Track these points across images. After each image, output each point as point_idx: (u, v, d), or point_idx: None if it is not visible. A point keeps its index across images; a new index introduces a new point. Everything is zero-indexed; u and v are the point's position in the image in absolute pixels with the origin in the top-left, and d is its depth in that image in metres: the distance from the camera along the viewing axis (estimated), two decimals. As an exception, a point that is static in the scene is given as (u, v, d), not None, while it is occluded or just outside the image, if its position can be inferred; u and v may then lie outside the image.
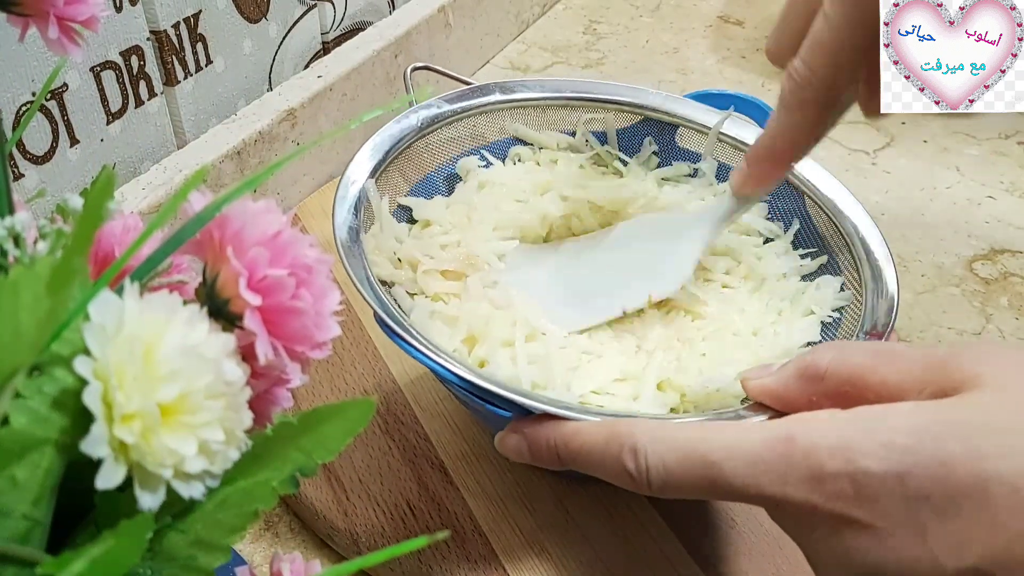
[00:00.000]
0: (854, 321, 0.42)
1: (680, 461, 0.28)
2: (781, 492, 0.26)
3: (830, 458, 0.26)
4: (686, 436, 0.29)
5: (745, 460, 0.27)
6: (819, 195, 0.47)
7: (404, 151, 0.47)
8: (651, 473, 0.29)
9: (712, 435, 0.28)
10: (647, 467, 0.29)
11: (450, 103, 0.50)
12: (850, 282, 0.44)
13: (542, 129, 0.52)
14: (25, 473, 0.19)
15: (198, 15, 0.58)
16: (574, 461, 0.32)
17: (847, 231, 0.45)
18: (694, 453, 0.28)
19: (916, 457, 0.24)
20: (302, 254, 0.23)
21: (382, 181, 0.46)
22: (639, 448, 0.29)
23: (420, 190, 0.49)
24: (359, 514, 0.45)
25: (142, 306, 0.21)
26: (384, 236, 0.45)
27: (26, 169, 0.50)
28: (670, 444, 0.29)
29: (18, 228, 0.22)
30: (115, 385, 0.19)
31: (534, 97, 0.51)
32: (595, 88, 0.52)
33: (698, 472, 0.28)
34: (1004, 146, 0.77)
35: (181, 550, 0.22)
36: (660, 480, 0.29)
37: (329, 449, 0.23)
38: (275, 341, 0.23)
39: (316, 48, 0.72)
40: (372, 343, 0.55)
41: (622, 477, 0.30)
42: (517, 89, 0.51)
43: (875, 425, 0.26)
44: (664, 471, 0.28)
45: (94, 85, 0.53)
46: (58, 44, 0.28)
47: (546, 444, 0.32)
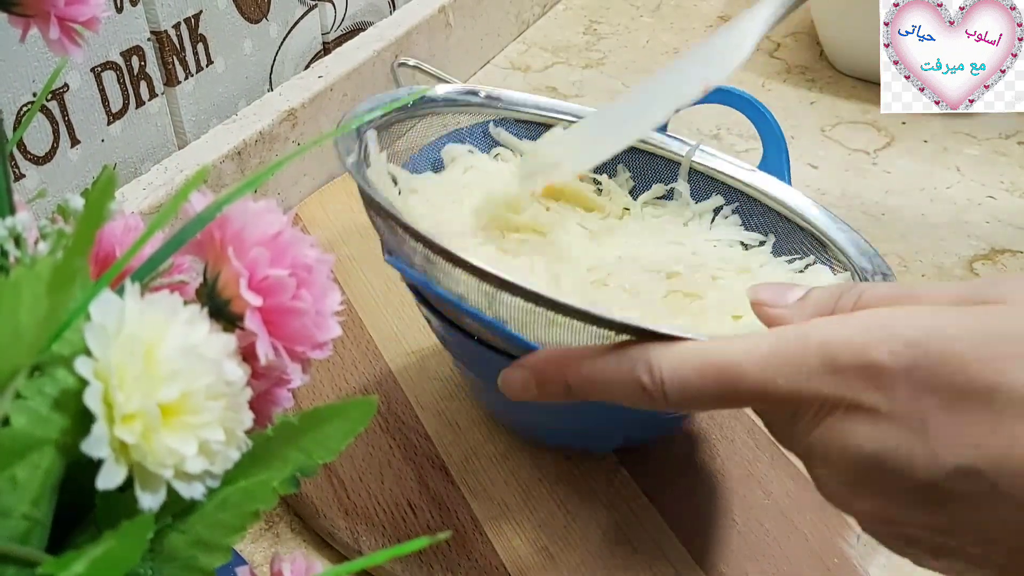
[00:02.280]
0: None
1: (696, 368, 0.28)
2: (795, 386, 0.26)
3: (843, 351, 0.26)
4: (700, 346, 0.28)
5: (760, 359, 0.27)
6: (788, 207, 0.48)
7: (394, 124, 0.47)
8: (666, 384, 0.28)
9: (725, 343, 0.28)
10: (662, 379, 0.29)
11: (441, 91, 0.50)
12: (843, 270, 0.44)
13: (522, 138, 0.52)
14: (25, 473, 0.19)
15: (199, 15, 0.58)
16: (584, 387, 0.31)
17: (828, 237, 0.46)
18: (709, 358, 0.28)
19: (927, 352, 0.25)
20: (303, 254, 0.23)
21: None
22: (652, 361, 0.29)
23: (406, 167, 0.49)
24: (360, 514, 0.45)
25: (143, 306, 0.21)
26: (380, 185, 0.44)
27: (27, 169, 0.50)
28: (684, 354, 0.29)
29: (19, 228, 0.22)
30: (116, 385, 0.19)
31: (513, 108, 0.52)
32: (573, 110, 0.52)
33: (713, 376, 0.28)
34: (1004, 146, 0.77)
35: (181, 550, 0.22)
36: (676, 390, 0.28)
37: (330, 449, 0.23)
38: (276, 341, 0.23)
39: (316, 48, 0.72)
40: (373, 343, 0.55)
41: (636, 394, 0.29)
42: (503, 100, 0.52)
43: (891, 322, 0.26)
44: (679, 380, 0.28)
45: (95, 85, 0.53)
46: (59, 44, 0.28)
47: (555, 373, 0.31)
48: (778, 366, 0.27)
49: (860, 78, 0.83)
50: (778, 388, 0.27)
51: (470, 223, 0.46)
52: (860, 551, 0.45)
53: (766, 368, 0.27)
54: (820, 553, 0.44)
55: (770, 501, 0.46)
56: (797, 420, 0.28)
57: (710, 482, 0.48)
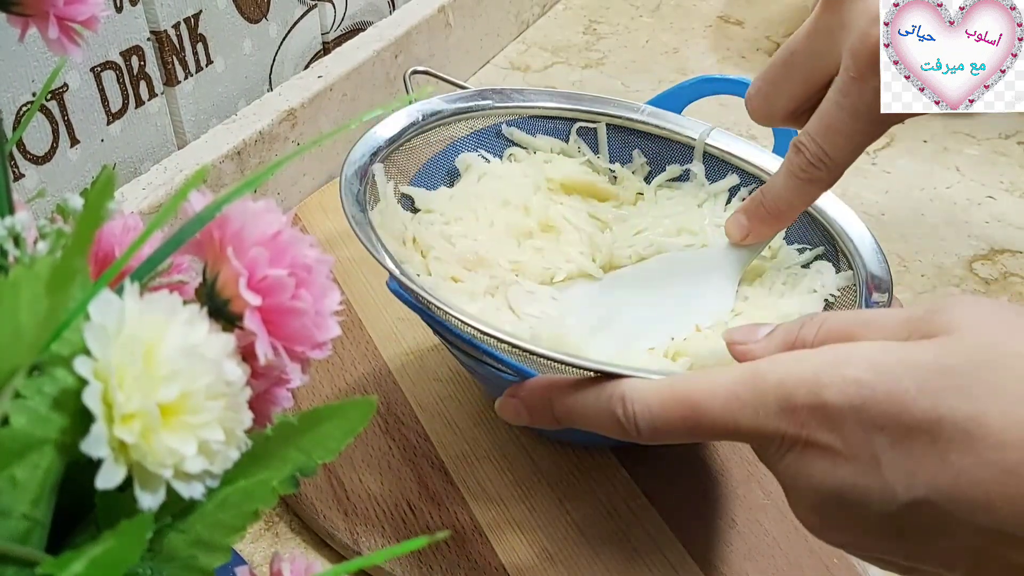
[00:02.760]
0: (853, 295, 0.42)
1: (664, 404, 0.30)
2: (755, 424, 0.28)
3: (796, 390, 0.27)
4: (669, 383, 0.30)
5: (722, 397, 0.29)
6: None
7: (404, 143, 0.48)
8: (638, 418, 0.30)
9: (692, 379, 0.30)
10: (634, 413, 0.30)
11: (449, 103, 0.50)
12: (844, 265, 0.45)
13: (536, 134, 0.53)
14: (25, 473, 0.19)
15: (198, 15, 0.58)
16: (568, 416, 0.33)
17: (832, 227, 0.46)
18: (676, 396, 0.30)
19: (874, 391, 0.26)
20: (302, 254, 0.23)
21: (385, 168, 0.46)
22: (627, 396, 0.31)
23: (420, 182, 0.49)
24: (359, 514, 0.45)
25: (142, 306, 0.21)
26: (390, 215, 0.45)
27: (26, 169, 0.50)
28: (655, 390, 0.30)
29: (18, 228, 0.22)
30: (115, 385, 0.19)
31: (528, 105, 0.52)
32: (586, 100, 0.53)
33: (680, 413, 0.30)
34: (1004, 146, 0.77)
35: (181, 550, 0.22)
36: (647, 424, 0.30)
37: (329, 449, 0.23)
38: (275, 341, 0.23)
39: (316, 48, 0.72)
40: (372, 343, 0.55)
41: (613, 426, 0.31)
42: (513, 97, 0.52)
43: (840, 361, 0.27)
44: (650, 415, 0.30)
45: (94, 85, 0.53)
46: (58, 44, 0.28)
47: (542, 404, 0.34)
48: (739, 405, 0.28)
49: (860, 78, 0.83)
50: (739, 425, 0.29)
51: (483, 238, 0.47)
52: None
53: (727, 406, 0.29)
54: (820, 553, 0.44)
55: (770, 501, 0.46)
56: (764, 452, 0.29)
57: (710, 482, 0.48)
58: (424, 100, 0.49)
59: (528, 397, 0.35)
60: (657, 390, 0.30)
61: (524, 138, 0.52)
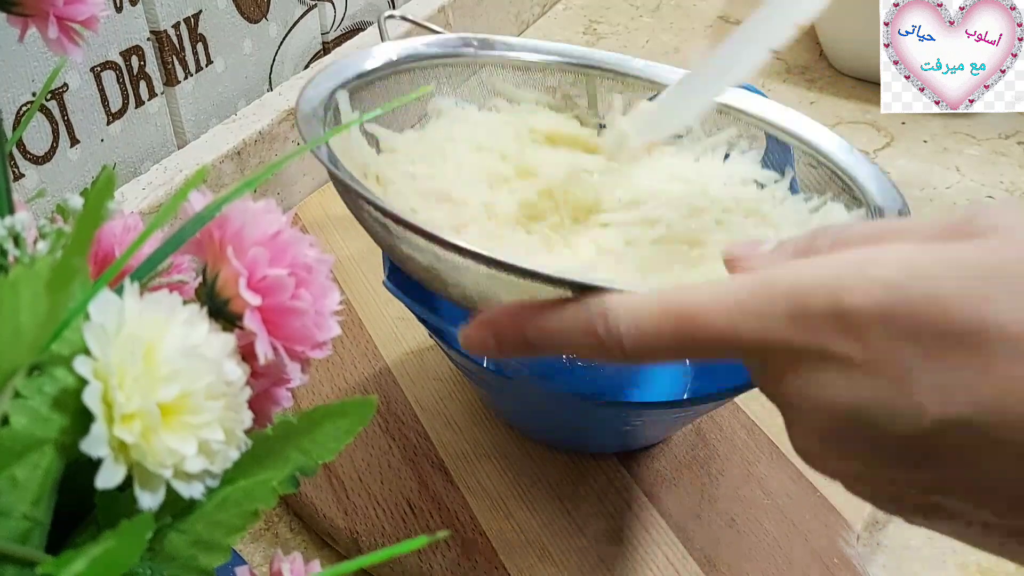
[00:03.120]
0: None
1: (654, 315, 0.26)
2: (760, 335, 0.24)
3: (813, 295, 0.23)
4: (659, 294, 0.26)
5: (723, 307, 0.25)
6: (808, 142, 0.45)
7: (375, 81, 0.44)
8: (623, 332, 0.26)
9: (687, 290, 0.26)
10: (619, 327, 0.26)
11: (428, 47, 0.47)
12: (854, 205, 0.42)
13: (521, 86, 0.49)
14: (25, 473, 0.19)
15: (198, 15, 0.58)
16: (542, 338, 0.29)
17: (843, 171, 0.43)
18: (667, 306, 0.26)
19: (908, 294, 0.22)
20: (302, 254, 0.23)
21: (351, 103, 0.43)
22: (609, 310, 0.27)
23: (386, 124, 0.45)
24: (359, 513, 0.45)
25: (142, 306, 0.21)
26: (353, 146, 0.41)
27: (26, 169, 0.50)
28: (642, 302, 0.26)
29: (18, 228, 0.22)
30: (115, 385, 0.19)
31: (514, 56, 0.49)
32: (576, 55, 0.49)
33: (672, 324, 0.25)
34: (1004, 146, 0.77)
35: (181, 550, 0.22)
36: (633, 338, 0.26)
37: (329, 449, 0.23)
38: (275, 341, 0.23)
39: (316, 48, 0.72)
40: (372, 343, 0.55)
41: (592, 344, 0.27)
42: (497, 46, 0.49)
43: (867, 263, 0.23)
44: (636, 329, 0.26)
45: (94, 85, 0.53)
46: (58, 44, 0.28)
47: (512, 326, 0.29)
48: (743, 313, 0.24)
49: (860, 78, 0.83)
50: (742, 337, 0.24)
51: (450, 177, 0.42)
52: (860, 551, 0.45)
53: (730, 315, 0.25)
54: (820, 553, 0.44)
55: (770, 501, 0.46)
56: (766, 371, 0.26)
57: (710, 482, 0.48)
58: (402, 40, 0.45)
59: (497, 320, 0.30)
60: (645, 302, 0.26)
61: (507, 89, 0.48)
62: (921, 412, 0.22)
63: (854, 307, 0.23)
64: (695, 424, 0.51)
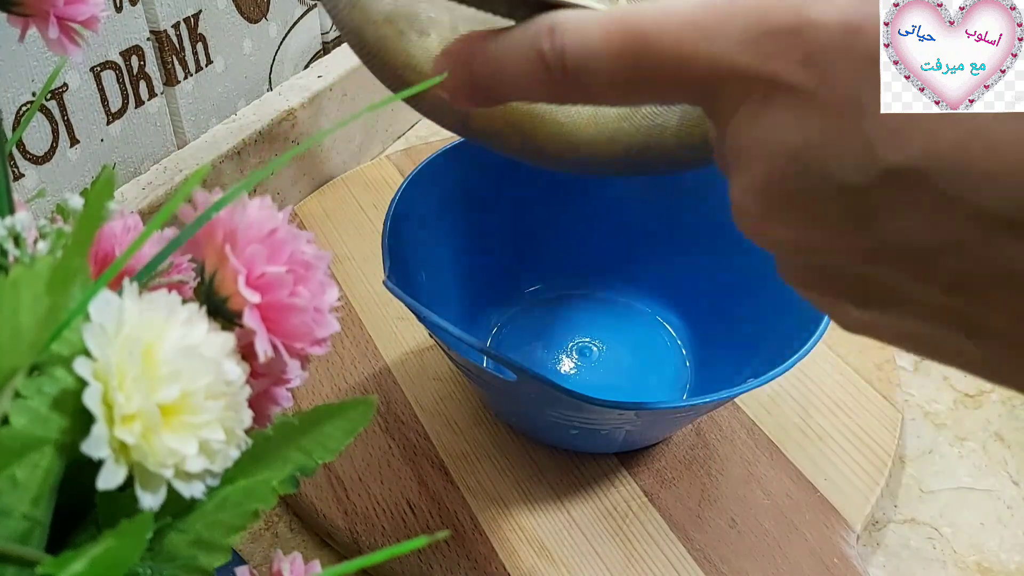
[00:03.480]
0: None
1: (602, 29, 0.23)
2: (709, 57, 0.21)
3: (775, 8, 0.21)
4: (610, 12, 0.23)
5: (676, 23, 0.22)
6: None
7: None
8: (567, 50, 0.23)
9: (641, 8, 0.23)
10: (563, 44, 0.23)
11: None
12: None
13: None
14: (25, 473, 0.19)
15: (198, 15, 0.58)
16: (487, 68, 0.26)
17: None
18: (617, 23, 0.23)
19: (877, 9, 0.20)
20: (299, 250, 0.23)
21: None
22: (556, 26, 0.24)
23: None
24: (359, 513, 0.45)
25: (141, 306, 0.21)
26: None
27: (26, 169, 0.50)
28: (591, 18, 0.23)
29: (18, 228, 0.22)
30: (115, 386, 0.19)
31: None
32: None
33: (619, 41, 0.23)
34: (1004, 146, 0.77)
35: (181, 550, 0.22)
36: (577, 56, 0.23)
37: (329, 449, 0.23)
38: (274, 338, 0.23)
39: (316, 48, 0.72)
40: (372, 343, 0.55)
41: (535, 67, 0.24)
42: None
43: None
44: (581, 45, 0.23)
45: (94, 85, 0.53)
46: (58, 44, 0.28)
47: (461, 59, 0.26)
48: (694, 32, 0.22)
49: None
50: (693, 59, 0.22)
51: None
52: (860, 551, 0.45)
53: (682, 32, 0.22)
54: (820, 553, 0.44)
55: (770, 501, 0.46)
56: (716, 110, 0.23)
57: (710, 482, 0.48)
58: None
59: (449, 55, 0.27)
60: (594, 18, 0.23)
61: None
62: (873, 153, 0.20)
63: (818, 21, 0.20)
64: (695, 424, 0.51)
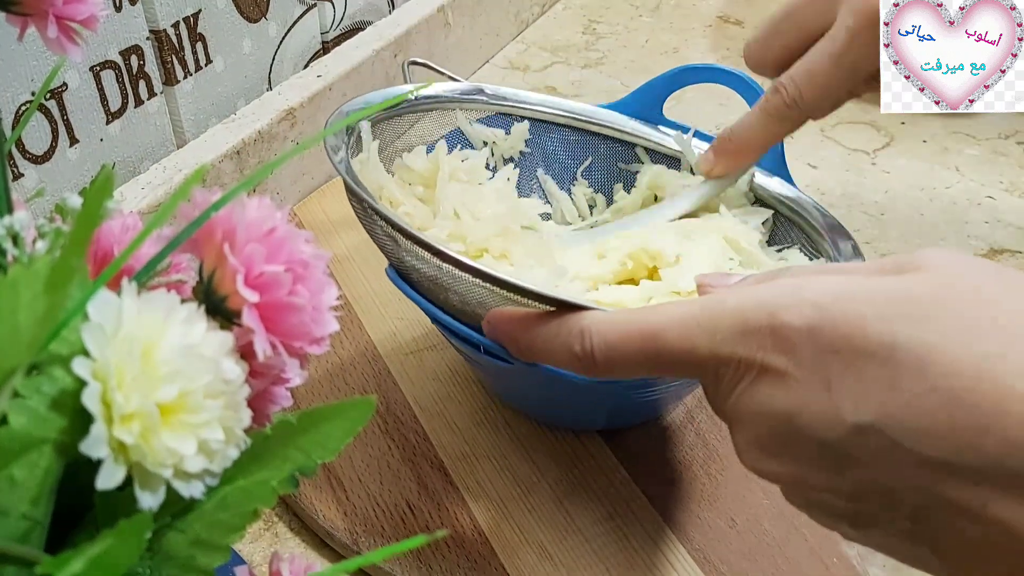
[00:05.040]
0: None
1: (621, 335, 0.30)
2: (711, 350, 0.28)
3: (754, 313, 0.27)
4: (627, 314, 0.30)
5: (679, 324, 0.28)
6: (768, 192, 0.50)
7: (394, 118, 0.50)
8: (595, 351, 0.30)
9: (650, 310, 0.30)
10: (592, 346, 0.31)
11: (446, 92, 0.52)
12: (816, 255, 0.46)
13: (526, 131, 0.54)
14: (24, 473, 0.19)
15: (198, 15, 0.58)
16: (530, 350, 0.34)
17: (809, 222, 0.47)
18: (634, 326, 0.30)
19: (831, 314, 0.26)
20: (298, 250, 0.23)
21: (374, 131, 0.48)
22: (584, 329, 0.31)
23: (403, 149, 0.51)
24: (359, 514, 0.45)
25: (140, 305, 0.21)
26: (370, 169, 0.47)
27: (25, 168, 0.50)
28: (613, 321, 0.30)
29: (17, 227, 0.22)
30: (114, 386, 0.19)
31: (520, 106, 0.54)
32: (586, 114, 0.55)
33: (637, 343, 0.29)
34: (1004, 146, 0.77)
35: (181, 550, 0.22)
36: (603, 355, 0.30)
37: (329, 449, 0.23)
38: (273, 337, 0.23)
39: (316, 48, 0.72)
40: (371, 343, 0.55)
41: (571, 360, 0.32)
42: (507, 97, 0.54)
43: (800, 286, 0.27)
44: (606, 347, 0.30)
45: (94, 85, 0.53)
46: (57, 43, 0.28)
47: (505, 336, 0.35)
48: (696, 330, 0.28)
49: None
50: (697, 352, 0.28)
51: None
52: (860, 551, 0.45)
53: (684, 332, 0.28)
54: (820, 553, 0.44)
55: (770, 501, 0.46)
56: (719, 384, 0.29)
57: (710, 482, 0.48)
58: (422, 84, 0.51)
59: (493, 331, 0.35)
60: (615, 321, 0.30)
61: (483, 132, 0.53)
62: (840, 417, 0.25)
63: (786, 323, 0.26)
64: (695, 424, 0.51)
